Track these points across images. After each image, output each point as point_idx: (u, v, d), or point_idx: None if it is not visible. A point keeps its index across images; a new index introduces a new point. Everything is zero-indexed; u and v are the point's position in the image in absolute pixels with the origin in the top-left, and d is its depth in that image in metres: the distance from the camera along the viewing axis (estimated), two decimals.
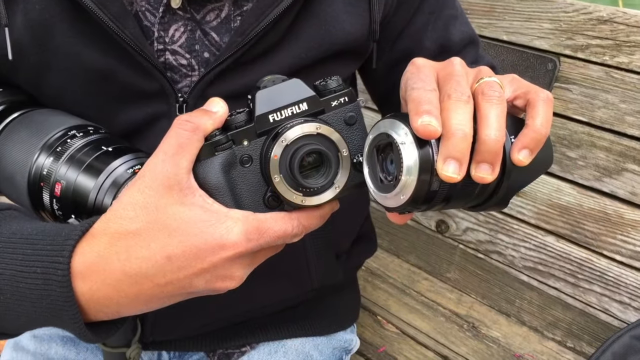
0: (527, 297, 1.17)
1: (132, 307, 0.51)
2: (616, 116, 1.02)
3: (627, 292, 1.06)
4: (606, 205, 1.05)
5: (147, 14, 0.64)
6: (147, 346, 0.81)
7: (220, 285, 0.51)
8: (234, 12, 0.66)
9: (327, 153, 0.50)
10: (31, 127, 0.60)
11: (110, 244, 0.48)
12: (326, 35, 0.69)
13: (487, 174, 0.46)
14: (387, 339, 1.13)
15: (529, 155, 0.48)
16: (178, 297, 0.51)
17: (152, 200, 0.48)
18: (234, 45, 0.64)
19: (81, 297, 0.49)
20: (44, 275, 0.49)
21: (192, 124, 0.49)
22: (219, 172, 0.50)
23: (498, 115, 0.46)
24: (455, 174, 0.45)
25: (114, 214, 0.49)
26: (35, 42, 0.62)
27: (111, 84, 0.65)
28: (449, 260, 1.28)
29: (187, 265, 0.49)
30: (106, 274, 0.49)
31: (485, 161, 0.46)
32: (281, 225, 0.51)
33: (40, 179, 0.56)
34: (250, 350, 0.86)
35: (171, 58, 0.66)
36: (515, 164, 0.48)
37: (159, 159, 0.49)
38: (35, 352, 0.84)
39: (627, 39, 0.99)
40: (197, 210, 0.49)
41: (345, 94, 0.53)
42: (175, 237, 0.48)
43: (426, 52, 0.79)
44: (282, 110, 0.51)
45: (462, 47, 0.82)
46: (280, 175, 0.50)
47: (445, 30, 0.80)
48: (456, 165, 0.45)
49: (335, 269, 0.86)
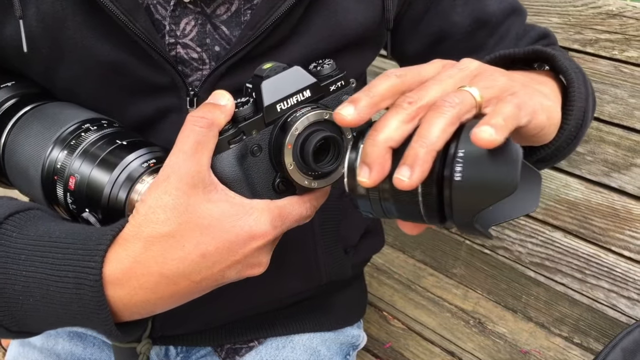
0: (533, 293, 1.17)
1: (166, 305, 0.53)
2: (625, 111, 1.02)
3: (635, 288, 1.05)
4: (614, 200, 1.05)
5: (158, 7, 0.64)
6: (156, 341, 0.81)
7: (250, 272, 0.54)
8: (244, 6, 0.66)
9: (337, 138, 0.53)
10: (44, 120, 0.60)
11: (145, 248, 0.49)
12: (337, 26, 0.68)
13: (403, 176, 0.41)
14: (393, 335, 1.13)
15: (493, 134, 0.39)
16: (210, 289, 0.54)
17: (181, 200, 0.49)
18: (245, 39, 0.64)
19: (118, 302, 0.50)
20: (76, 279, 0.49)
21: (207, 120, 0.50)
22: (234, 164, 0.52)
23: (437, 121, 0.42)
24: (366, 179, 0.43)
25: (145, 218, 0.50)
26: (47, 35, 0.62)
27: (123, 77, 0.65)
28: (454, 256, 1.28)
29: (221, 260, 0.51)
30: (145, 279, 0.50)
31: (405, 163, 0.42)
32: (297, 209, 0.54)
33: (54, 173, 0.56)
34: (258, 345, 0.86)
35: (182, 52, 0.66)
36: (478, 142, 0.39)
37: (180, 159, 0.50)
38: (42, 347, 0.84)
39: (637, 33, 0.98)
40: (223, 205, 0.50)
41: (340, 78, 0.55)
42: (208, 235, 0.50)
43: (458, 29, 0.75)
44: (288, 99, 0.53)
45: (503, 19, 0.76)
46: (293, 163, 0.52)
47: (480, 2, 0.75)
48: (366, 170, 0.43)
49: (344, 264, 0.86)
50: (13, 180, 0.62)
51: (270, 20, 0.63)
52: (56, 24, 0.62)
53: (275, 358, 0.84)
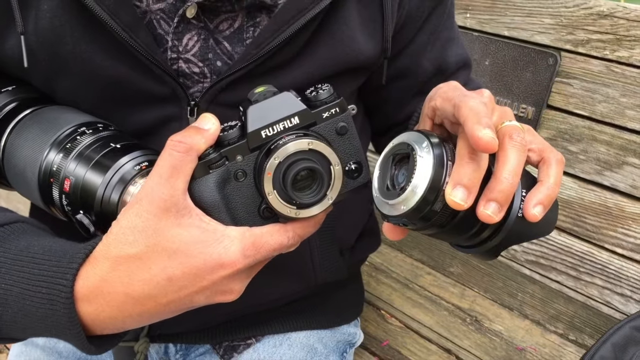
0: (529, 290, 1.18)
1: (136, 323, 0.53)
2: (617, 110, 1.03)
3: (628, 285, 1.06)
4: (607, 198, 1.06)
5: (161, 22, 0.64)
6: (154, 339, 0.83)
7: (221, 299, 0.53)
8: (247, 23, 0.66)
9: (320, 170, 0.50)
10: (42, 124, 0.60)
11: (112, 268, 0.50)
12: (342, 55, 0.69)
13: (494, 213, 0.46)
14: (391, 333, 1.14)
15: (542, 211, 0.48)
16: (180, 312, 0.53)
17: (151, 223, 0.49)
18: (248, 57, 0.64)
19: (87, 317, 0.51)
20: (49, 295, 0.50)
21: (185, 145, 0.50)
22: (214, 190, 0.51)
23: (520, 160, 0.47)
24: (462, 201, 0.45)
25: (114, 238, 0.50)
26: (47, 49, 0.62)
27: (123, 89, 0.65)
28: (451, 255, 1.29)
29: (188, 285, 0.50)
30: (110, 297, 0.50)
31: (495, 200, 0.46)
32: (277, 238, 0.52)
33: (50, 175, 0.57)
34: (256, 342, 0.87)
35: (184, 66, 0.66)
36: (528, 218, 0.48)
37: (155, 182, 0.50)
38: (45, 345, 0.86)
39: (628, 33, 1.00)
40: (194, 231, 0.50)
41: (336, 105, 0.53)
42: (175, 259, 0.49)
43: (423, 72, 0.79)
44: (273, 125, 0.50)
45: (456, 70, 0.82)
46: (274, 192, 0.50)
47: (443, 52, 0.80)
48: (465, 193, 0.45)
49: (339, 265, 0.87)
50: (12, 183, 0.63)
51: (276, 42, 0.63)
52: (55, 39, 0.62)
53: (272, 355, 0.85)
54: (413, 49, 0.78)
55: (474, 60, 1.20)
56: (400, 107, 0.83)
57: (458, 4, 1.21)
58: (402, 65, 0.78)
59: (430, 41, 0.78)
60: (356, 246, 0.93)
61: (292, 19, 0.63)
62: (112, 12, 0.59)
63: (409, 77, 0.80)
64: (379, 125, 0.88)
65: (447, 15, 0.79)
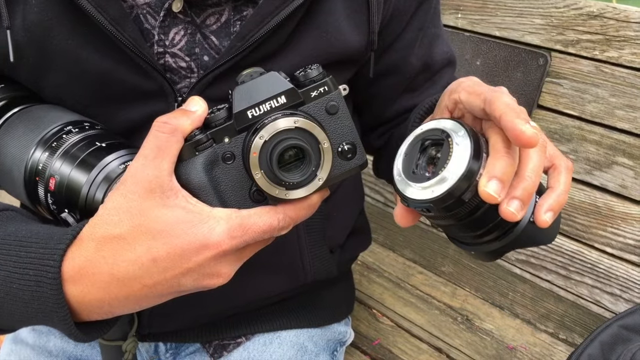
0: (520, 289, 1.19)
1: (123, 307, 0.52)
2: (606, 110, 1.03)
3: (617, 284, 1.07)
4: (596, 198, 1.07)
5: (147, 16, 0.65)
6: (144, 338, 0.83)
7: (209, 283, 0.52)
8: (234, 17, 0.66)
9: (306, 147, 0.49)
10: (29, 122, 0.61)
11: (97, 248, 0.50)
12: (327, 46, 0.69)
13: (517, 211, 0.46)
14: (382, 332, 1.14)
15: (552, 217, 0.49)
16: (168, 296, 0.53)
17: (135, 204, 0.49)
18: (233, 50, 0.64)
19: (72, 300, 0.51)
20: (36, 277, 0.50)
21: (170, 126, 0.50)
22: (201, 171, 0.50)
23: (541, 161, 0.47)
24: (496, 194, 0.45)
25: (100, 219, 0.50)
26: (34, 44, 0.63)
27: (110, 84, 0.65)
28: (443, 254, 1.29)
29: (173, 266, 0.49)
30: (95, 278, 0.50)
31: (519, 198, 0.46)
32: (266, 219, 0.51)
33: (36, 174, 0.57)
34: (246, 341, 0.87)
35: (171, 60, 0.66)
36: (539, 224, 0.49)
37: (140, 163, 0.49)
38: (34, 344, 0.86)
39: (617, 33, 1.00)
40: (179, 211, 0.49)
41: (324, 83, 0.51)
42: (159, 240, 0.49)
43: (410, 68, 0.80)
44: (260, 105, 0.50)
45: (441, 67, 0.82)
46: (261, 172, 0.49)
47: (430, 49, 0.80)
48: (499, 186, 0.45)
49: (329, 264, 0.87)
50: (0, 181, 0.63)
51: (260, 34, 0.64)
52: (43, 33, 0.62)
53: (262, 354, 0.85)
54: (401, 45, 0.78)
55: (465, 60, 1.20)
56: (389, 104, 0.83)
57: (449, 4, 1.21)
58: (391, 62, 0.79)
59: (418, 37, 0.79)
60: (346, 244, 0.93)
61: (276, 10, 0.63)
62: (99, 6, 0.59)
63: (397, 74, 0.80)
64: (367, 123, 0.88)
65: (433, 11, 0.80)
